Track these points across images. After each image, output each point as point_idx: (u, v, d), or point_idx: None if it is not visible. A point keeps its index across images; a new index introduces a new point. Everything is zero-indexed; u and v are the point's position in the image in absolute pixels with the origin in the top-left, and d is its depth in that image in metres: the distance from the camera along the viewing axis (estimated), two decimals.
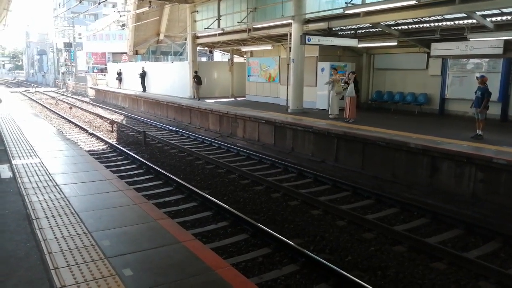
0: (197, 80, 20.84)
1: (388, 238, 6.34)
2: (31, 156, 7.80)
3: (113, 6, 59.41)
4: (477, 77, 10.21)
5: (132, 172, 9.94)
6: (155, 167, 9.99)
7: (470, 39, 11.55)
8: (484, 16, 10.55)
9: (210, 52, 28.13)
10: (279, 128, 12.91)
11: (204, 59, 34.36)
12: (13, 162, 7.23)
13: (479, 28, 11.17)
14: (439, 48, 12.64)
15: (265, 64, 19.97)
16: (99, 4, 24.03)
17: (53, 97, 33.33)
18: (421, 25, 12.49)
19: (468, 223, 6.80)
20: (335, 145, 10.90)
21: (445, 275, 5.26)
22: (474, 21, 10.73)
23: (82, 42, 48.34)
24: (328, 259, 5.42)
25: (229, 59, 23.86)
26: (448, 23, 11.68)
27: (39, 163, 7.22)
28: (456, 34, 11.94)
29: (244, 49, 21.33)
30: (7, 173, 6.50)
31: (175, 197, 8.13)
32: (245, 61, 22.89)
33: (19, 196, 5.36)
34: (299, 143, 12.16)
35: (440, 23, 11.86)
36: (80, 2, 19.24)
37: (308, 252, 5.48)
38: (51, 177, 6.31)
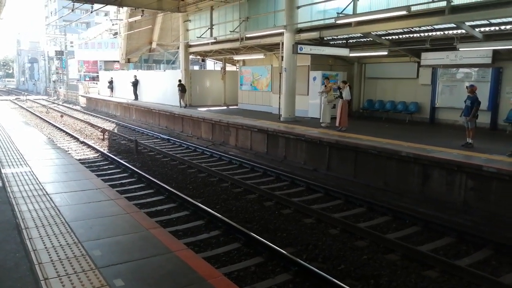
0: (181, 88, 21.19)
1: (381, 246, 6.34)
2: (21, 165, 7.71)
3: (106, 15, 59.39)
4: (466, 87, 10.36)
5: (123, 181, 9.86)
6: (147, 175, 9.93)
7: (460, 49, 11.76)
8: (473, 27, 10.74)
9: (203, 60, 28.19)
10: (271, 136, 12.93)
11: (196, 67, 34.41)
12: (3, 171, 7.14)
13: (468, 38, 11.36)
14: (429, 58, 12.83)
15: (257, 73, 20.05)
16: (91, 12, 23.98)
17: (44, 105, 33.08)
18: (411, 35, 12.67)
19: (459, 231, 6.83)
20: (327, 153, 10.94)
21: (438, 283, 5.27)
22: (464, 31, 10.92)
23: (74, 50, 48.26)
24: (321, 268, 5.41)
25: (221, 68, 23.93)
26: (438, 33, 11.86)
27: (29, 172, 7.14)
28: (446, 44, 12.14)
29: (236, 58, 21.44)
30: None
31: (167, 206, 8.07)
32: (237, 69, 22.97)
33: (9, 206, 5.29)
34: (292, 152, 12.19)
35: (430, 33, 12.05)
36: (73, 10, 19.19)
37: (301, 261, 5.46)
38: (42, 186, 6.24)
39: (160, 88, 25.02)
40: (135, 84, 26.74)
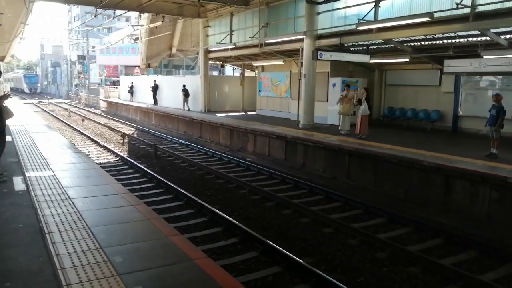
0: (185, 93, 22.86)
1: (402, 258, 6.22)
2: (44, 168, 7.86)
3: (127, 20, 60.36)
4: (492, 95, 10.13)
5: (143, 186, 9.96)
6: (166, 181, 10.00)
7: (484, 56, 11.50)
8: (498, 34, 10.51)
9: (222, 66, 28.35)
10: (290, 143, 12.88)
11: (215, 73, 34.63)
12: (27, 174, 7.30)
13: (493, 45, 11.11)
14: (452, 65, 12.58)
15: (276, 79, 20.05)
16: (113, 18, 24.42)
17: (65, 109, 33.77)
18: (434, 42, 12.47)
19: (483, 244, 6.66)
20: (347, 161, 10.82)
21: None
22: (488, 38, 10.68)
23: (96, 55, 49.13)
24: (340, 279, 5.32)
25: (240, 74, 24.03)
26: (462, 40, 11.64)
27: (52, 175, 7.27)
28: (470, 51, 11.90)
29: (255, 63, 21.49)
30: (20, 186, 6.55)
31: (185, 212, 8.10)
32: (256, 75, 23.02)
33: (32, 209, 5.39)
34: (310, 159, 12.11)
35: (453, 40, 11.83)
36: (95, 16, 19.55)
37: (320, 272, 5.39)
38: (64, 190, 6.34)
39: (179, 93, 25.25)
40: (155, 89, 27.06)
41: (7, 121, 7.37)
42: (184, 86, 23.05)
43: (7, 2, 18.37)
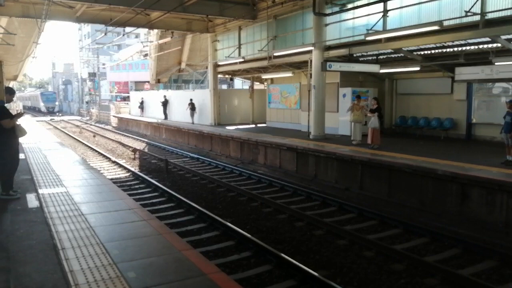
0: (192, 107, 23.76)
1: (419, 269, 6.07)
2: (57, 185, 7.90)
3: (136, 37, 61.41)
4: (506, 102, 9.98)
5: (154, 200, 9.94)
6: (177, 195, 9.97)
7: (495, 63, 11.38)
8: (509, 40, 10.40)
9: (231, 79, 28.56)
10: (301, 154, 12.81)
11: (224, 86, 34.85)
12: (40, 191, 7.33)
13: (505, 52, 11.00)
14: (464, 73, 12.47)
15: (285, 91, 20.08)
16: (123, 35, 24.83)
17: (77, 126, 34.15)
18: (444, 50, 12.39)
19: (502, 253, 6.48)
20: (360, 172, 10.71)
21: None
22: (499, 44, 10.58)
23: (106, 72, 49.92)
24: None
25: (249, 86, 24.14)
26: (472, 47, 11.55)
27: (65, 192, 7.30)
28: (481, 58, 11.80)
29: (264, 76, 21.57)
30: (34, 203, 6.58)
31: (197, 226, 8.04)
32: (265, 88, 23.10)
33: (46, 226, 5.39)
34: (322, 170, 12.01)
35: (463, 48, 11.74)
36: (105, 34, 19.87)
37: (336, 285, 5.28)
38: (77, 206, 6.35)
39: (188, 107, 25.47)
40: (165, 103, 27.30)
41: (20, 139, 7.45)
42: (191, 100, 23.86)
43: (20, 23, 18.82)
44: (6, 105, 7.12)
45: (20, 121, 7.18)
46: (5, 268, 4.11)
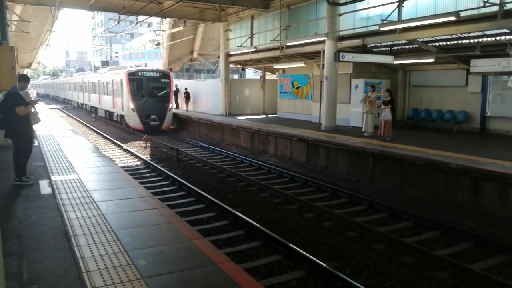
0: (186, 95, 25.60)
1: (429, 263, 6.03)
2: (69, 172, 7.99)
3: (149, 26, 61.35)
4: None
5: (165, 189, 10.01)
6: (188, 184, 10.03)
7: None
8: None
9: (243, 69, 28.47)
10: (312, 145, 12.75)
11: (236, 76, 34.76)
12: (52, 178, 7.42)
13: None
14: (479, 65, 12.24)
15: (297, 81, 19.96)
16: (136, 24, 24.83)
17: (89, 113, 34.36)
18: (460, 41, 12.15)
19: None
20: (371, 164, 10.63)
21: None
22: None
23: (119, 60, 50.09)
24: (365, 285, 5.20)
25: (261, 77, 24.02)
26: (489, 39, 11.30)
27: (77, 179, 7.38)
28: (497, 50, 11.55)
29: (276, 66, 21.45)
30: (46, 189, 6.67)
31: (207, 215, 8.08)
32: (277, 78, 22.98)
33: (58, 212, 5.47)
34: (333, 162, 11.95)
35: (480, 39, 11.50)
36: (118, 22, 19.88)
37: (344, 276, 5.28)
38: (89, 193, 6.42)
39: (200, 96, 25.47)
40: (176, 93, 27.31)
41: (34, 126, 7.53)
42: (186, 89, 25.79)
43: (34, 11, 18.92)
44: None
45: (34, 109, 7.25)
46: (18, 254, 4.18)
